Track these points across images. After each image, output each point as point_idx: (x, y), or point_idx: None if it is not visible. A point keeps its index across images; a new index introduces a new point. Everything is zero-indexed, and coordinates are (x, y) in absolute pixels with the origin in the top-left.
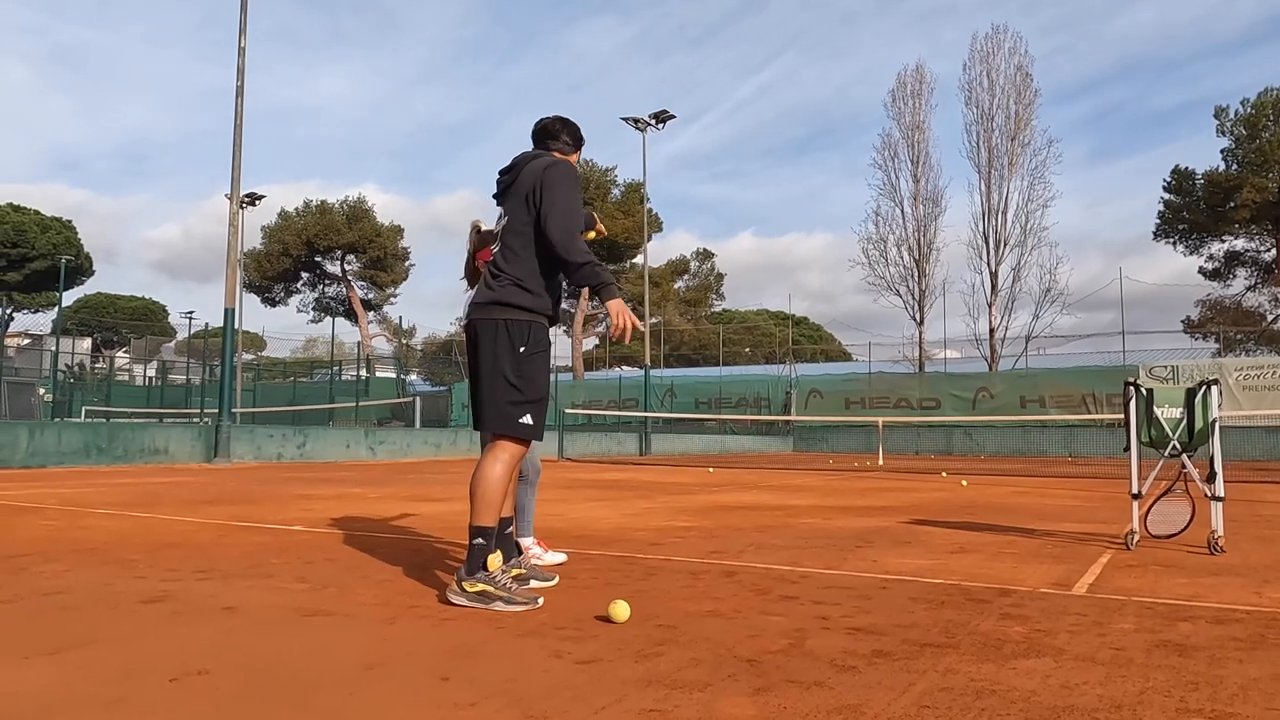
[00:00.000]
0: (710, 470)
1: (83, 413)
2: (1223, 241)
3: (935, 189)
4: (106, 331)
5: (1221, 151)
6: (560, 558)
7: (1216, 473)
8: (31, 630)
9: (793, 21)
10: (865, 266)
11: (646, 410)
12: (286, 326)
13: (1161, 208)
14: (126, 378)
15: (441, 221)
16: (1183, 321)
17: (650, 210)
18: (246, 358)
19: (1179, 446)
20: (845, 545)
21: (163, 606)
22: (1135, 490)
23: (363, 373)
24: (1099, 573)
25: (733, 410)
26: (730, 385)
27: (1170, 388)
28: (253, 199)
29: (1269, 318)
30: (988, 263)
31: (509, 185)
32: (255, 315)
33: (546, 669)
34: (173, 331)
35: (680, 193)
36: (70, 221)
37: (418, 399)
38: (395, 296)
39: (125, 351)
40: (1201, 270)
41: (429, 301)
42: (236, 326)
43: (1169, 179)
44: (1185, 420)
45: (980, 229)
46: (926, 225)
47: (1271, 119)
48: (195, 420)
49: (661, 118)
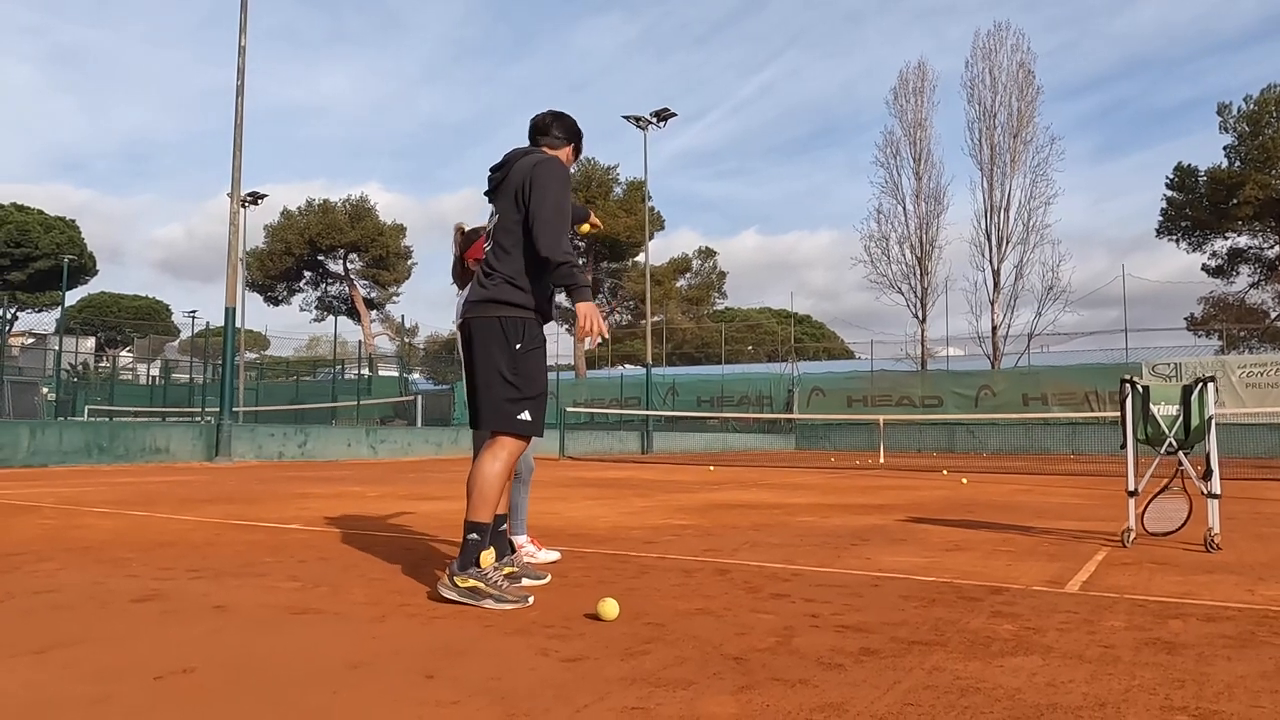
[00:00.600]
0: (711, 469)
1: (85, 412)
2: (1226, 239)
3: (937, 186)
4: (110, 331)
5: (1224, 148)
6: (554, 556)
7: (1213, 470)
8: (19, 629)
9: (795, 19)
10: (868, 264)
11: (648, 409)
12: (289, 325)
13: (1164, 205)
14: (130, 377)
15: (444, 220)
16: (1186, 319)
17: (652, 208)
18: (249, 357)
19: (1175, 444)
20: (840, 543)
21: (153, 605)
22: (1132, 488)
23: (365, 371)
24: (1093, 570)
25: (735, 408)
26: (732, 383)
27: (1167, 385)
28: (255, 198)
29: (1272, 315)
30: (990, 260)
31: (500, 183)
32: (258, 314)
33: (532, 667)
34: (176, 331)
35: (684, 191)
36: (74, 221)
37: (419, 398)
38: (398, 295)
39: (128, 351)
40: (1205, 267)
41: (431, 300)
42: (239, 326)
43: (1172, 176)
44: (1181, 417)
45: (982, 226)
46: (929, 223)
47: (1275, 115)
48: (197, 419)
49: (663, 116)
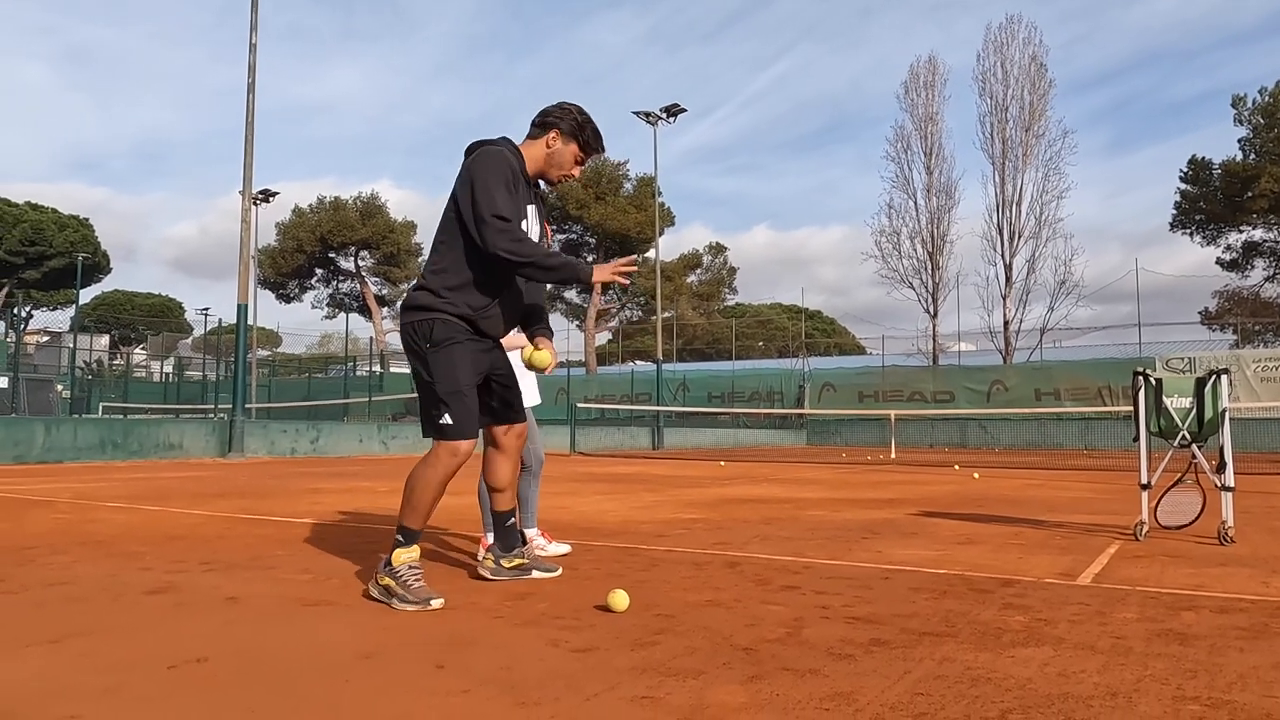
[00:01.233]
0: (722, 464)
1: (100, 409)
2: (1240, 232)
3: (949, 181)
4: (124, 328)
5: (1239, 141)
6: (564, 549)
7: (1227, 463)
8: (34, 620)
9: (805, 14)
10: (879, 259)
11: (659, 404)
12: (301, 323)
13: (1178, 198)
14: (143, 374)
15: None
16: (1200, 313)
17: (663, 204)
18: (262, 354)
19: (1189, 436)
20: (851, 537)
21: (166, 597)
22: (1144, 481)
23: (376, 368)
24: (1105, 563)
25: (745, 404)
26: (743, 379)
27: (1180, 377)
28: (266, 196)
29: None
30: (1002, 255)
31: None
32: (270, 312)
33: (542, 657)
34: (189, 328)
35: (694, 186)
36: (87, 220)
37: None
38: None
39: (142, 348)
40: (1219, 261)
41: None
42: (251, 323)
43: (1186, 169)
44: (1195, 410)
45: (994, 221)
46: (940, 217)
47: None
48: (210, 416)
49: (673, 111)
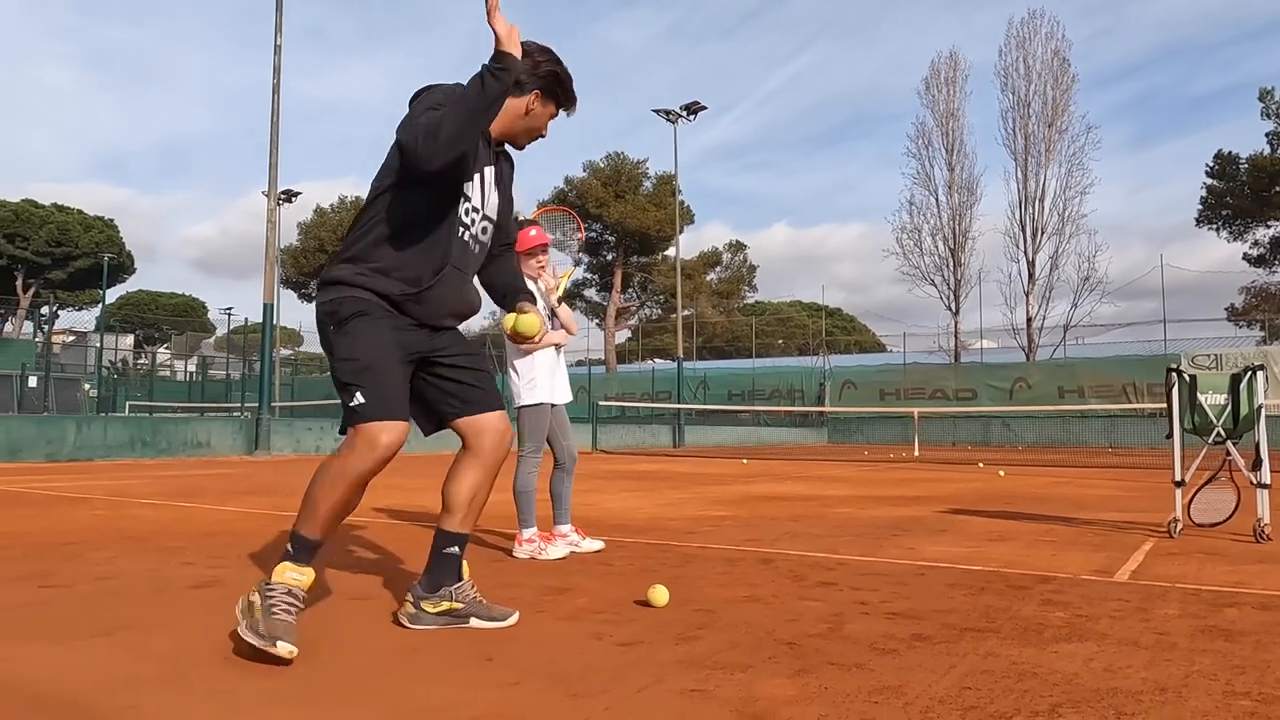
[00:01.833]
0: (744, 462)
1: (126, 407)
2: (1268, 227)
3: (970, 177)
4: (148, 328)
5: (1266, 135)
6: (598, 545)
7: (1262, 459)
8: (86, 613)
9: (824, 9)
10: (899, 256)
11: (679, 402)
12: None
13: (1204, 193)
14: (168, 373)
15: None
16: (1226, 309)
17: (682, 202)
18: (284, 353)
19: (1223, 434)
20: (881, 534)
21: (210, 592)
22: (1178, 478)
23: None
24: (1141, 560)
25: (766, 402)
26: (763, 377)
27: (1214, 374)
28: (289, 196)
29: None
30: (1025, 251)
31: None
32: (292, 311)
33: (587, 651)
34: (212, 327)
35: (713, 184)
36: (112, 220)
37: None
38: None
39: (166, 347)
40: (1246, 257)
41: None
42: (274, 322)
43: (1212, 164)
44: (1230, 407)
45: (1017, 217)
46: (962, 214)
47: None
48: (236, 414)
49: (693, 109)
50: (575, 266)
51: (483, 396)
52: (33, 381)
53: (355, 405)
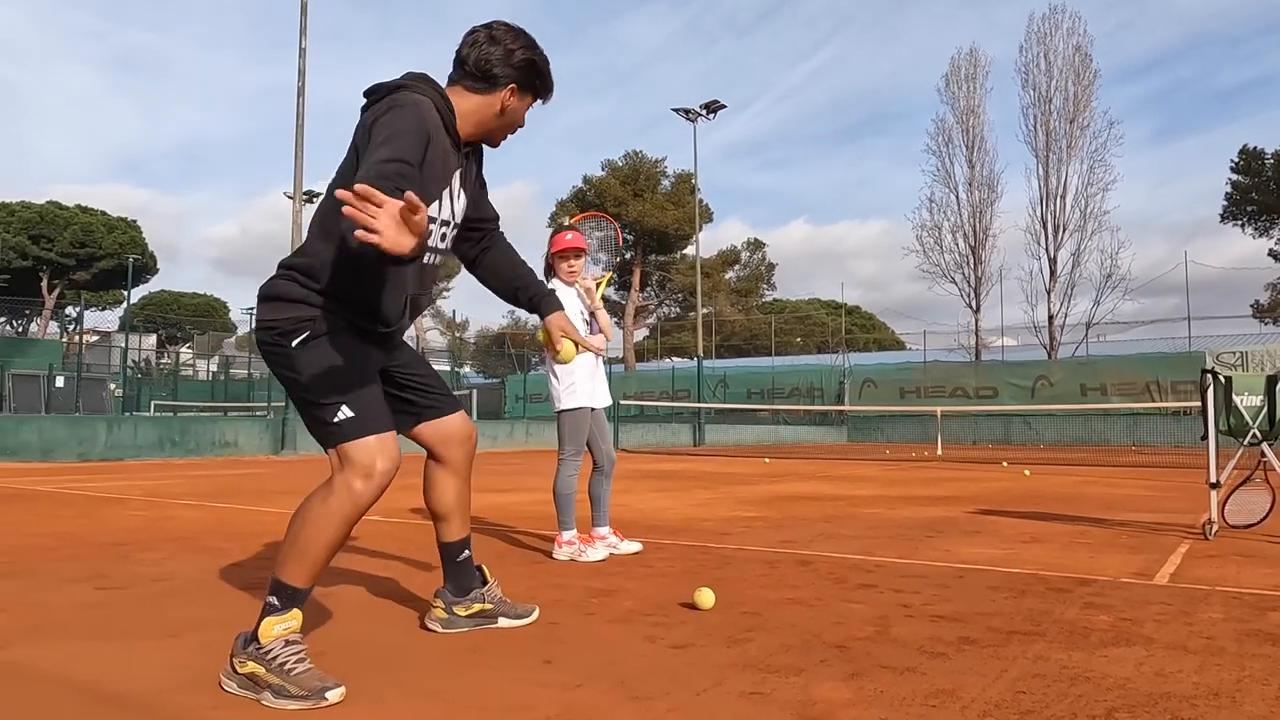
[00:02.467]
0: (766, 461)
1: (151, 407)
2: None
3: (991, 174)
4: (170, 328)
5: None
6: (636, 547)
7: None
8: (147, 615)
9: (843, 5)
10: (919, 254)
11: (699, 401)
12: None
13: (1229, 189)
14: (190, 372)
15: None
16: (1252, 306)
17: (701, 201)
18: None
19: (1259, 435)
20: (915, 535)
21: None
22: (1213, 479)
23: None
24: (1179, 563)
25: (785, 400)
26: (783, 375)
27: (1250, 375)
28: (310, 196)
29: None
30: (1046, 248)
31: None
32: None
33: (642, 653)
34: (233, 327)
35: (730, 181)
36: (135, 221)
37: (473, 392)
38: (448, 290)
39: (188, 347)
40: (1272, 253)
41: (482, 295)
42: None
43: (1237, 159)
44: (1266, 408)
45: (1038, 214)
46: (982, 211)
47: None
48: (260, 414)
49: (712, 107)
50: (609, 273)
51: (441, 400)
52: (59, 382)
53: (340, 421)
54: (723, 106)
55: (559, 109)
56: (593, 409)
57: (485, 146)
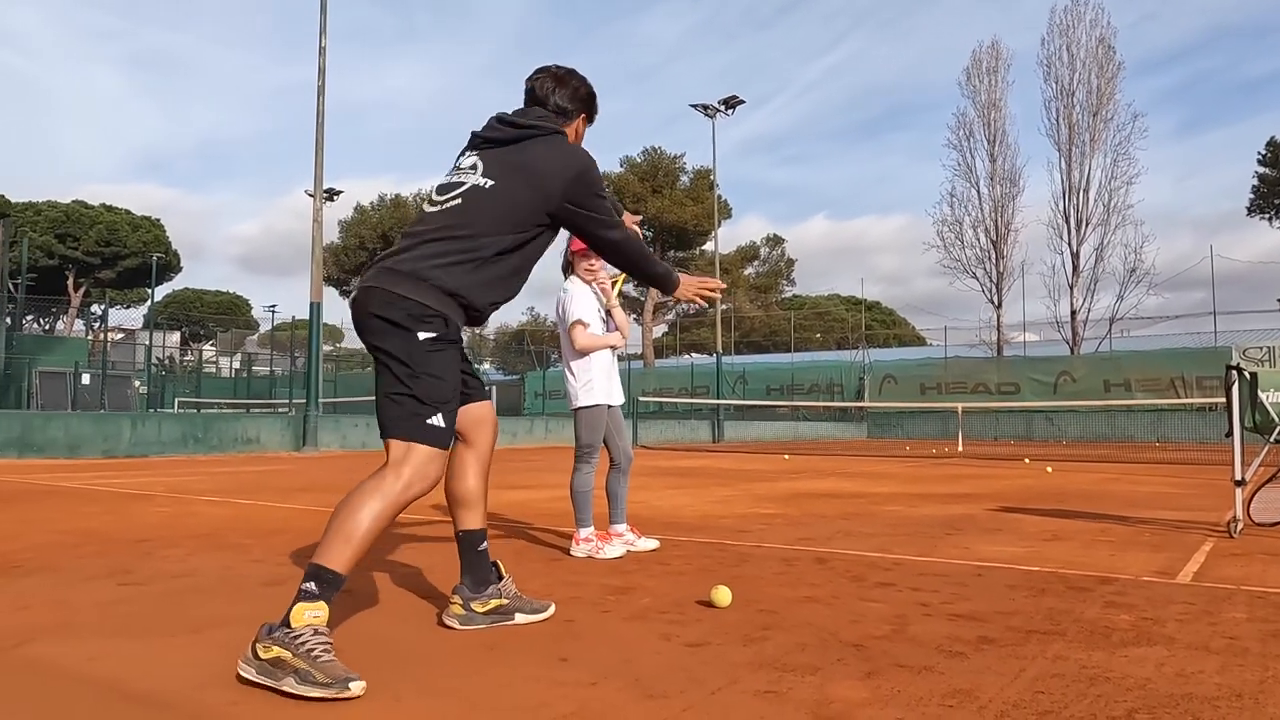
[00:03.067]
0: (786, 457)
1: (175, 404)
2: None
3: (1013, 168)
4: (194, 325)
5: None
6: (653, 544)
7: None
8: (170, 611)
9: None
10: (940, 249)
11: (718, 398)
12: None
13: (1255, 181)
14: (213, 369)
15: None
16: (1279, 300)
17: (720, 197)
18: (325, 349)
19: None
20: (934, 532)
21: (284, 589)
22: (1238, 477)
23: None
24: (1203, 561)
25: (805, 397)
26: (802, 372)
27: (1277, 371)
28: (330, 195)
29: None
30: (1069, 243)
31: (502, 145)
32: (334, 308)
33: (658, 651)
34: (256, 324)
35: (750, 177)
36: (159, 220)
37: (492, 388)
38: None
39: (212, 344)
40: None
41: None
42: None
43: (1264, 151)
44: None
45: (1060, 208)
46: (1004, 206)
47: None
48: (282, 410)
49: (731, 103)
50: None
51: (477, 386)
52: (85, 379)
53: (431, 425)
54: (741, 102)
55: None
56: (609, 406)
57: None
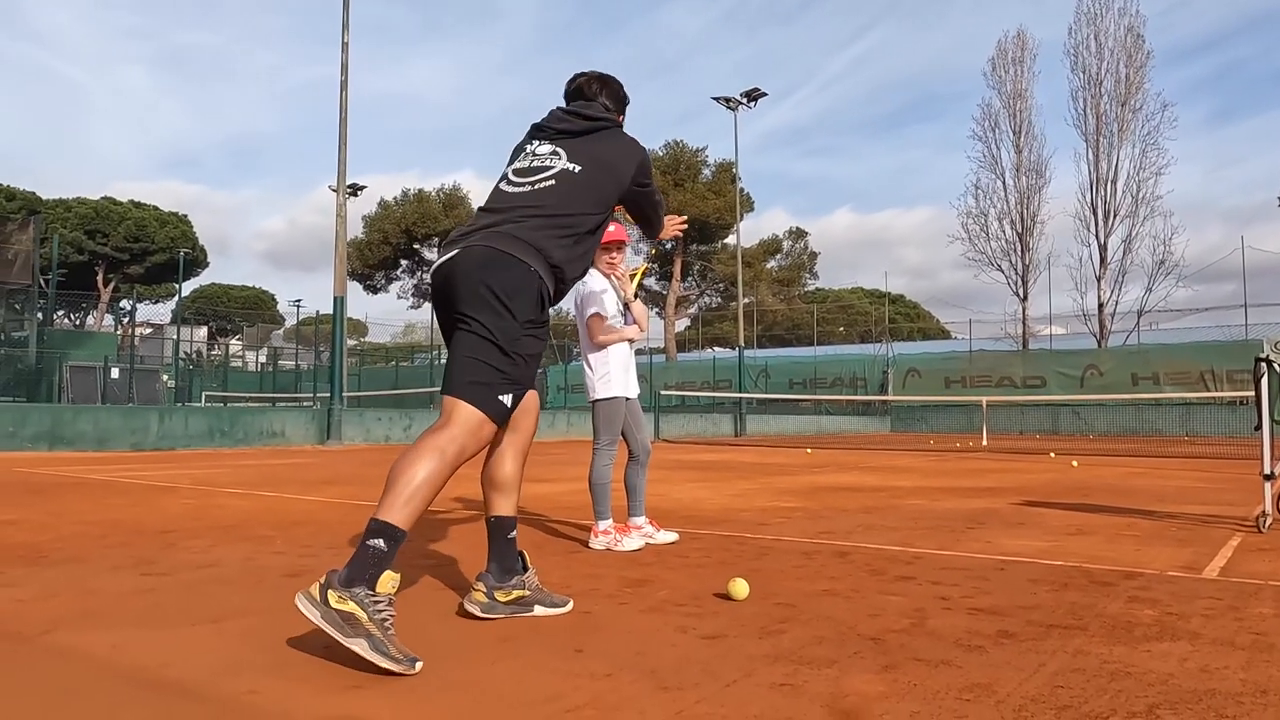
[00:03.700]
0: (808, 451)
1: (203, 397)
2: None
3: (1039, 159)
4: (220, 320)
5: None
6: (672, 537)
7: None
8: (192, 601)
9: None
10: (965, 241)
11: (741, 391)
12: (387, 312)
13: None
14: (240, 364)
15: None
16: None
17: (742, 190)
18: (350, 343)
19: None
20: (956, 526)
21: (304, 580)
22: (1267, 471)
23: None
24: (1230, 556)
25: (828, 390)
26: (825, 365)
27: None
28: (355, 190)
29: None
30: (1096, 235)
31: (580, 134)
32: (357, 302)
33: (673, 643)
34: (281, 319)
35: (773, 170)
36: (186, 216)
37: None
38: None
39: (238, 339)
40: None
41: None
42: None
43: None
44: None
45: (1088, 200)
46: (1030, 197)
47: None
48: (307, 404)
49: (753, 96)
50: (646, 264)
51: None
52: (114, 373)
53: (503, 400)
54: (764, 94)
55: None
56: (627, 399)
57: None
